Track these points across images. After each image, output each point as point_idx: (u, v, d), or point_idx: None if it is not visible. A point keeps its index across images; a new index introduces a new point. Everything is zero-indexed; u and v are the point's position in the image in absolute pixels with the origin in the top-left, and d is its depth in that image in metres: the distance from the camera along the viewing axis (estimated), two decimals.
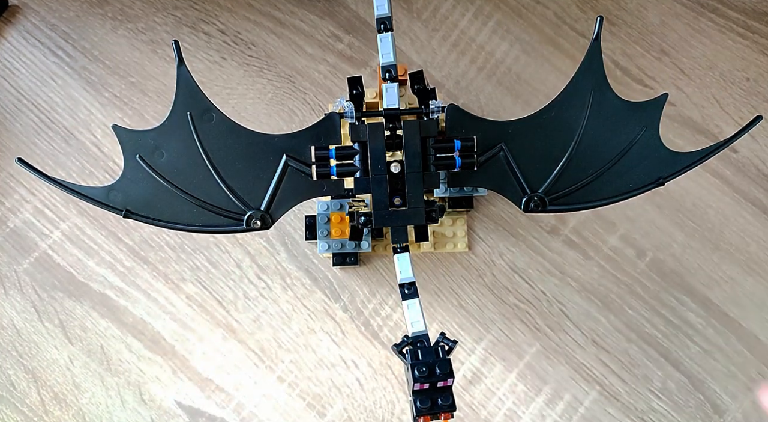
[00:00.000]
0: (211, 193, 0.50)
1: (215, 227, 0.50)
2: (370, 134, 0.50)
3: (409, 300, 0.50)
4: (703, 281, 0.71)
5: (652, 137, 0.51)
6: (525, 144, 0.52)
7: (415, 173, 0.50)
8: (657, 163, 0.51)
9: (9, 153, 0.75)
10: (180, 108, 0.50)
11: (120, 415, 0.68)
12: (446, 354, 0.46)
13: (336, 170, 0.51)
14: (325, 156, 0.51)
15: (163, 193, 0.50)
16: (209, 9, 0.78)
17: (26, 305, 0.71)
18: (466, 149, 0.51)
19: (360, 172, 0.51)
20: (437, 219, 0.52)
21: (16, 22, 0.78)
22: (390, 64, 0.53)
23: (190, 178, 0.50)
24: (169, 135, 0.50)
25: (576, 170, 0.51)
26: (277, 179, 0.50)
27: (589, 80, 0.52)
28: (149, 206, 0.50)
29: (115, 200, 0.49)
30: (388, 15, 0.53)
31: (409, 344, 0.48)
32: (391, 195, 0.50)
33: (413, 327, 0.48)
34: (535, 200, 0.51)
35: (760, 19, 0.78)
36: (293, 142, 0.51)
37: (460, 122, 0.52)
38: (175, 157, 0.50)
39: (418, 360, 0.45)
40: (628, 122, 0.51)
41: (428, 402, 0.45)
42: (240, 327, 0.70)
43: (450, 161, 0.51)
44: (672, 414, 0.68)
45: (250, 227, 0.50)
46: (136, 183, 0.49)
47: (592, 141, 0.51)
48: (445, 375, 0.45)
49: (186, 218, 0.50)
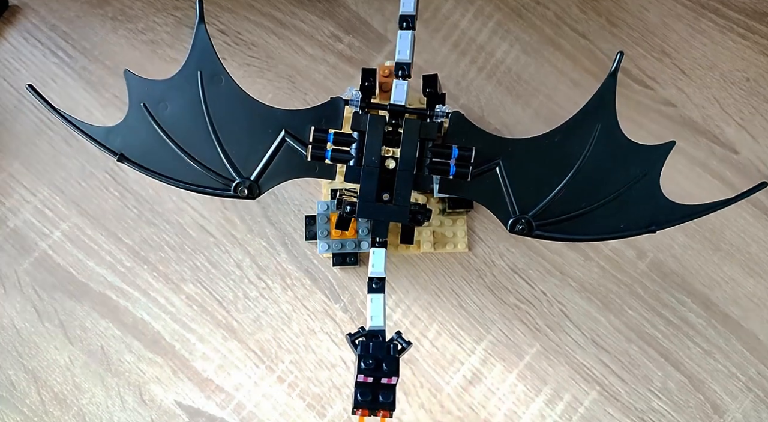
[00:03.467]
0: (205, 154, 0.51)
1: (203, 187, 0.51)
2: (371, 126, 0.50)
3: (375, 294, 0.50)
4: (703, 282, 0.71)
5: (652, 182, 0.51)
6: (522, 165, 0.51)
7: (407, 172, 0.50)
8: (652, 209, 0.51)
9: (9, 153, 0.75)
10: (192, 65, 0.51)
11: (120, 415, 0.68)
12: (397, 352, 0.46)
13: (331, 154, 0.51)
14: (322, 139, 0.51)
15: (160, 145, 0.50)
16: (209, 9, 0.78)
17: (26, 305, 0.71)
18: (462, 159, 0.51)
19: (354, 160, 0.51)
20: (422, 222, 0.52)
21: (16, 22, 0.78)
22: (405, 61, 0.53)
23: (188, 135, 0.51)
24: (177, 90, 0.51)
25: (569, 200, 0.51)
26: (271, 152, 0.51)
27: (599, 114, 0.51)
28: (144, 155, 0.50)
29: (113, 142, 0.50)
30: (412, 13, 0.53)
31: (363, 336, 0.48)
32: (380, 189, 0.51)
33: (372, 321, 0.49)
34: (522, 223, 0.51)
35: (761, 19, 0.78)
36: (294, 119, 0.51)
37: (462, 131, 0.52)
38: (178, 112, 0.51)
39: (368, 352, 0.46)
40: (631, 162, 0.51)
41: (369, 395, 0.45)
42: (240, 327, 0.70)
43: (444, 166, 0.51)
44: (672, 414, 0.68)
45: (237, 193, 0.51)
46: (135, 130, 0.50)
47: (591, 175, 0.51)
48: (390, 372, 0.45)
49: (177, 173, 0.51)
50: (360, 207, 0.51)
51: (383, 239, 0.52)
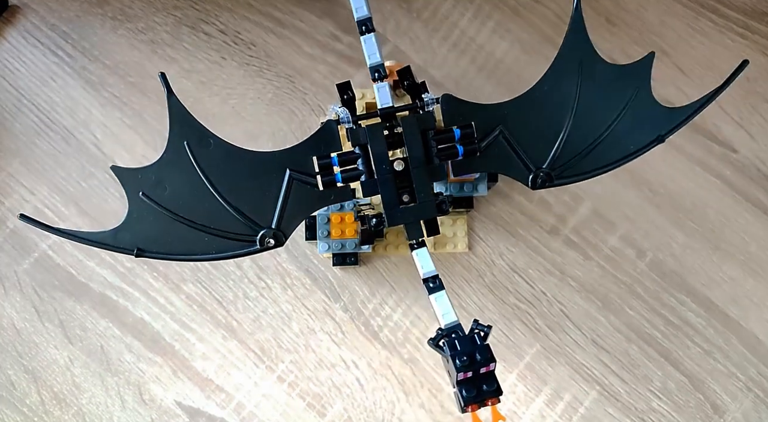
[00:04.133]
0: (220, 219, 0.49)
1: (230, 251, 0.50)
2: (370, 136, 0.50)
3: (436, 293, 0.50)
4: (703, 282, 0.71)
5: (646, 96, 0.51)
6: (523, 123, 0.52)
7: (420, 168, 0.50)
8: (654, 121, 0.51)
9: (9, 153, 0.75)
10: (176, 139, 0.49)
11: (120, 415, 0.68)
12: (483, 339, 0.46)
13: (341, 176, 0.51)
14: (328, 165, 0.51)
15: (172, 226, 0.49)
16: (209, 9, 0.78)
17: (26, 305, 0.71)
18: (466, 137, 0.51)
19: (365, 175, 0.51)
20: (448, 210, 0.52)
21: (16, 22, 0.78)
22: (377, 64, 0.53)
23: (196, 207, 0.49)
24: (169, 167, 0.49)
25: (576, 140, 0.51)
26: (284, 194, 0.50)
27: (576, 50, 0.52)
28: (160, 242, 0.49)
29: (124, 240, 0.49)
30: (368, 16, 0.53)
31: (444, 336, 0.48)
32: (399, 193, 0.51)
33: (445, 319, 0.48)
34: (541, 176, 0.51)
35: (760, 19, 0.78)
36: (294, 155, 0.51)
37: (457, 110, 0.52)
38: (178, 188, 0.49)
39: (457, 349, 0.45)
40: (620, 85, 0.51)
41: (474, 390, 0.45)
42: (240, 327, 0.70)
43: (452, 150, 0.51)
44: (672, 414, 0.68)
45: (264, 246, 0.49)
46: (142, 220, 0.49)
47: (588, 110, 0.51)
48: (486, 361, 0.45)
49: (199, 247, 0.49)
50: (388, 216, 0.50)
51: (420, 239, 0.51)
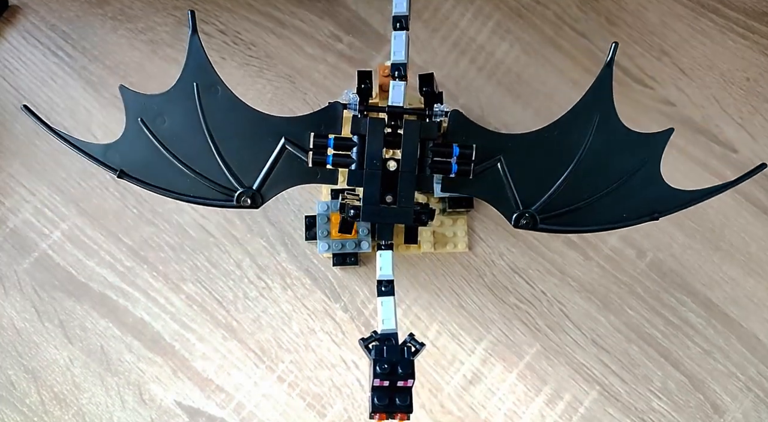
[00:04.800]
0: (206, 166, 0.50)
1: (206, 199, 0.51)
2: (370, 129, 0.50)
3: (385, 297, 0.50)
4: (703, 282, 0.71)
5: (653, 170, 0.51)
6: (524, 160, 0.51)
7: (410, 173, 0.50)
8: (654, 196, 0.51)
9: (9, 153, 0.74)
10: (187, 78, 0.50)
11: (120, 415, 0.68)
12: (411, 354, 0.46)
13: (332, 159, 0.51)
14: (323, 144, 0.51)
15: (160, 159, 0.50)
16: (209, 9, 0.78)
17: (26, 305, 0.71)
18: (463, 157, 0.51)
19: (355, 164, 0.51)
20: (426, 222, 0.52)
21: (16, 22, 0.78)
22: (401, 62, 0.53)
23: (188, 148, 0.50)
24: (174, 103, 0.50)
25: (571, 192, 0.51)
26: (272, 160, 0.51)
27: (597, 105, 0.51)
28: (144, 171, 0.50)
29: (112, 159, 0.50)
30: (405, 14, 0.53)
31: (376, 340, 0.48)
32: (383, 192, 0.50)
33: (384, 324, 0.49)
34: (526, 217, 0.51)
35: (761, 19, 0.78)
36: (294, 126, 0.51)
37: (462, 129, 0.52)
38: (176, 125, 0.50)
39: (382, 356, 0.45)
40: (631, 151, 0.51)
41: (386, 399, 0.45)
42: (240, 326, 0.70)
43: (446, 165, 0.51)
44: (672, 414, 0.68)
45: (240, 203, 0.50)
46: (134, 146, 0.50)
47: (592, 165, 0.51)
48: (406, 376, 0.45)
49: (178, 186, 0.50)
50: (364, 211, 0.51)
51: (389, 242, 0.52)
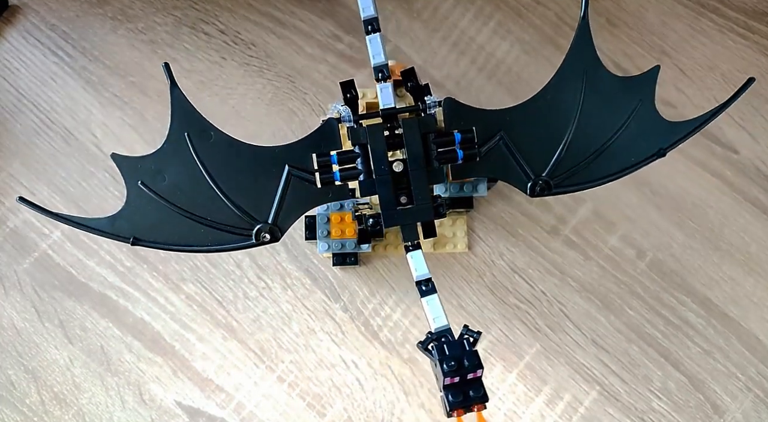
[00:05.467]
0: (217, 211, 0.50)
1: (225, 244, 0.50)
2: (370, 136, 0.50)
3: (428, 296, 0.50)
4: (703, 282, 0.71)
5: (649, 109, 0.51)
6: (524, 130, 0.52)
7: (419, 170, 0.50)
8: (656, 135, 0.51)
9: (9, 153, 0.74)
10: (177, 129, 0.50)
11: (120, 415, 0.68)
12: (472, 345, 0.46)
13: (339, 175, 0.51)
14: (327, 163, 0.51)
15: (169, 216, 0.49)
16: (209, 9, 0.78)
17: (26, 305, 0.71)
18: (466, 141, 0.51)
19: (363, 174, 0.51)
20: (445, 213, 0.52)
21: (16, 22, 0.78)
22: (382, 64, 0.53)
23: (194, 198, 0.50)
24: (169, 158, 0.50)
25: (577, 150, 0.51)
26: (281, 190, 0.50)
27: (581, 60, 0.52)
28: (156, 231, 0.49)
29: (121, 228, 0.49)
30: (374, 16, 0.53)
31: (433, 340, 0.48)
32: (396, 194, 0.51)
33: (435, 323, 0.49)
34: (540, 184, 0.51)
35: (761, 19, 0.78)
36: (294, 151, 0.51)
37: (458, 114, 0.52)
38: (177, 179, 0.49)
39: (445, 354, 0.46)
40: (624, 97, 0.51)
41: (461, 395, 0.45)
42: (240, 326, 0.70)
43: (452, 154, 0.51)
44: (672, 414, 0.68)
45: (260, 241, 0.50)
46: (140, 209, 0.49)
47: (590, 120, 0.51)
48: (473, 367, 0.45)
49: (195, 239, 0.50)
50: (385, 217, 0.51)
51: (416, 241, 0.51)
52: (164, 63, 0.49)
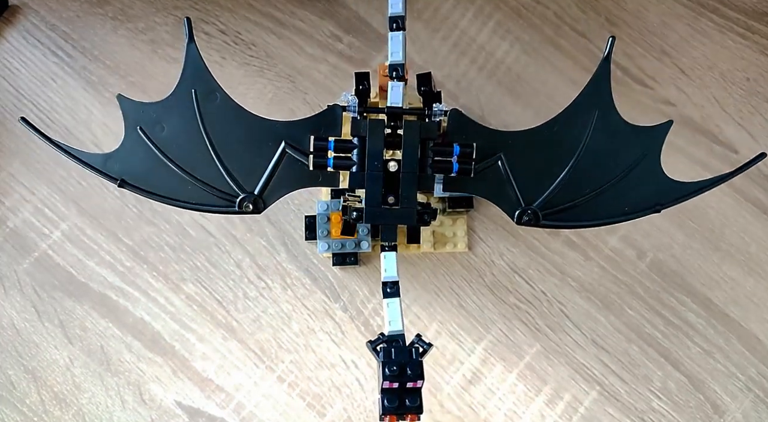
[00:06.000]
0: (207, 172, 0.50)
1: (207, 205, 0.50)
2: (370, 130, 0.50)
3: (390, 299, 0.50)
4: (703, 282, 0.71)
5: (653, 162, 0.51)
6: (524, 157, 0.51)
7: (411, 174, 0.50)
8: (655, 189, 0.51)
9: (9, 153, 0.74)
10: (185, 85, 0.50)
11: (120, 415, 0.68)
12: (420, 355, 0.46)
13: (333, 162, 0.51)
14: (323, 147, 0.51)
15: (160, 167, 0.50)
16: (209, 9, 0.78)
17: (26, 305, 0.71)
18: (464, 155, 0.51)
19: (356, 166, 0.51)
20: (428, 222, 0.52)
21: (16, 22, 0.78)
22: (398, 62, 0.53)
23: (188, 155, 0.50)
24: (172, 110, 0.50)
25: (573, 187, 0.51)
26: (273, 164, 0.51)
27: (596, 99, 0.51)
28: (144, 179, 0.50)
29: (112, 168, 0.49)
30: (401, 14, 0.53)
31: (384, 342, 0.48)
32: (385, 193, 0.50)
33: (390, 326, 0.49)
34: (528, 214, 0.51)
35: (761, 19, 0.78)
36: (293, 130, 0.51)
37: (462, 128, 0.51)
38: (175, 132, 0.50)
39: (391, 358, 0.45)
40: (631, 145, 0.51)
41: (396, 401, 0.45)
42: (240, 326, 0.70)
43: (447, 165, 0.51)
44: (672, 414, 0.68)
45: (242, 209, 0.50)
46: (134, 154, 0.50)
47: (592, 160, 0.51)
48: (415, 377, 0.45)
49: (180, 194, 0.50)
50: (367, 213, 0.50)
51: (393, 243, 0.51)
52: (186, 17, 0.50)
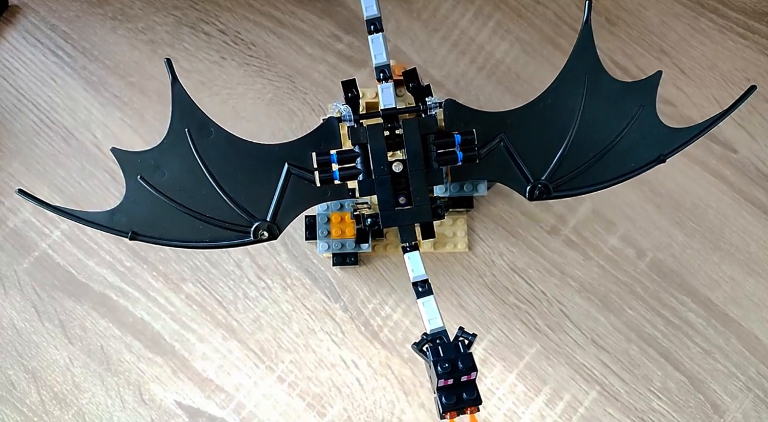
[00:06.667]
0: (215, 207, 0.50)
1: (223, 241, 0.50)
2: (370, 136, 0.50)
3: (424, 298, 0.50)
4: (703, 282, 0.71)
5: (650, 115, 0.51)
6: (524, 133, 0.52)
7: (418, 171, 0.50)
8: (656, 141, 0.51)
9: (9, 153, 0.75)
10: (177, 125, 0.50)
11: (120, 415, 0.68)
12: (467, 348, 0.46)
13: (339, 174, 0.51)
14: (326, 161, 0.51)
15: (168, 211, 0.49)
16: (209, 9, 0.78)
17: (26, 305, 0.71)
18: (466, 143, 0.51)
19: (363, 174, 0.51)
20: (443, 215, 0.52)
21: (16, 22, 0.78)
22: (383, 64, 0.53)
23: (193, 194, 0.50)
24: (169, 153, 0.50)
25: (577, 154, 0.51)
26: (280, 188, 0.50)
27: (583, 64, 0.51)
28: (155, 226, 0.49)
29: (120, 222, 0.49)
30: (377, 15, 0.53)
31: (428, 341, 0.48)
32: (395, 195, 0.51)
33: (431, 324, 0.48)
34: (539, 188, 0.51)
35: (760, 19, 0.78)
36: (294, 150, 0.51)
37: (459, 116, 0.52)
38: (176, 174, 0.50)
39: (440, 356, 0.45)
40: (625, 102, 0.51)
41: (454, 397, 0.45)
42: (240, 327, 0.70)
43: (452, 155, 0.51)
44: (672, 414, 0.68)
45: (258, 238, 0.50)
46: (139, 204, 0.49)
47: (591, 124, 0.51)
48: (468, 369, 0.45)
49: (193, 235, 0.50)
50: (383, 217, 0.51)
51: (414, 242, 0.51)
52: (166, 59, 0.49)
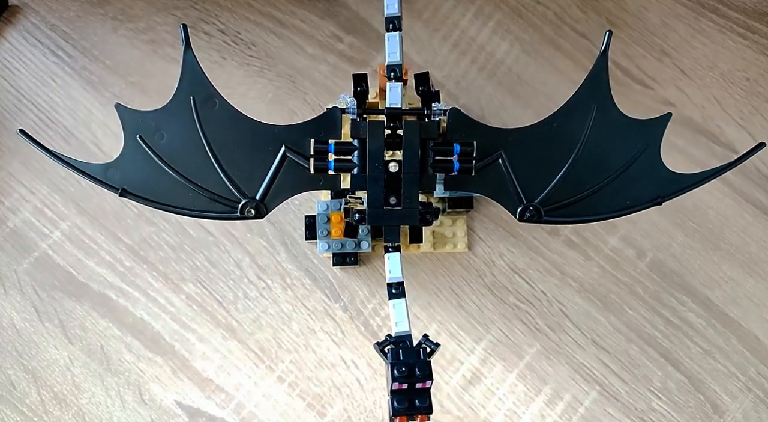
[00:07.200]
0: (208, 178, 0.50)
1: (209, 212, 0.50)
2: (370, 132, 0.50)
3: (396, 300, 0.50)
4: (703, 282, 0.71)
5: (654, 155, 0.51)
6: (524, 153, 0.51)
7: (413, 174, 0.50)
8: (656, 182, 0.51)
9: (9, 153, 0.74)
10: (183, 92, 0.50)
11: (120, 415, 0.68)
12: (427, 355, 0.46)
13: (334, 165, 0.51)
14: (324, 150, 0.51)
15: (161, 175, 0.50)
16: (209, 9, 0.78)
17: (26, 305, 0.71)
18: (464, 154, 0.51)
19: (357, 169, 0.51)
20: (431, 222, 0.52)
21: (16, 22, 0.78)
22: (396, 63, 0.53)
23: (188, 162, 0.50)
24: (171, 118, 0.50)
25: (574, 182, 0.51)
26: (274, 169, 0.51)
27: (594, 94, 0.51)
28: (146, 187, 0.50)
29: (113, 178, 0.49)
30: (397, 14, 0.53)
31: (391, 343, 0.48)
32: (387, 194, 0.50)
33: (397, 327, 0.49)
34: (530, 210, 0.51)
35: (761, 19, 0.78)
36: (293, 134, 0.51)
37: (462, 126, 0.51)
38: (175, 140, 0.50)
39: (399, 359, 0.45)
40: (630, 138, 0.51)
41: (406, 402, 0.45)
42: (240, 327, 0.70)
43: (448, 164, 0.51)
44: (672, 414, 0.68)
45: (244, 215, 0.50)
46: (134, 163, 0.50)
47: (593, 155, 0.51)
48: (424, 377, 0.45)
49: (181, 201, 0.50)
50: (370, 214, 0.50)
51: (396, 244, 0.51)
52: (182, 24, 0.49)
